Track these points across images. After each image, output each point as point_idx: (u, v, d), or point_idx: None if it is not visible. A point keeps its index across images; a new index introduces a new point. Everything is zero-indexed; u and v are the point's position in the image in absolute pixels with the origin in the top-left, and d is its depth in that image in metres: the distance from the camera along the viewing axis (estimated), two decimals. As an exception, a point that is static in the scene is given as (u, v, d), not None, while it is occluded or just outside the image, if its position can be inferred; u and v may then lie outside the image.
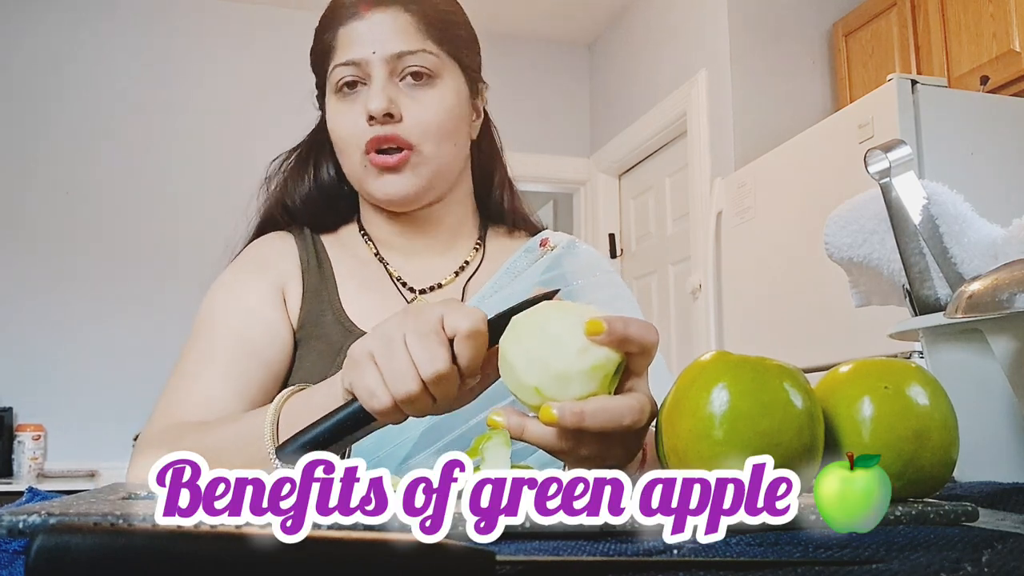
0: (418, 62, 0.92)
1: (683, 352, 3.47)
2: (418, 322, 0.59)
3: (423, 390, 0.58)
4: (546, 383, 0.55)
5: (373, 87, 0.91)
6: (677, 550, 0.39)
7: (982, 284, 0.64)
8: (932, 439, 0.50)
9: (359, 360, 0.60)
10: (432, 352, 0.58)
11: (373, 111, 0.90)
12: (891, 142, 0.82)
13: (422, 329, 0.58)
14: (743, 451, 0.46)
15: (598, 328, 0.54)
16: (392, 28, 0.92)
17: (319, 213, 1.03)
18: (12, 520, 0.40)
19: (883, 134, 2.21)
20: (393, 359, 0.58)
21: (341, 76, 0.92)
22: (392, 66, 0.91)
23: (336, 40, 0.94)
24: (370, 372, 0.59)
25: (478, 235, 1.05)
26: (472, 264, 1.02)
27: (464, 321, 0.58)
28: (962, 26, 2.57)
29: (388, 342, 0.59)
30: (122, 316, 3.54)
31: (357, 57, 0.91)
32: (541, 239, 1.06)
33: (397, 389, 0.58)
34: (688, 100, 3.38)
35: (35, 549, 0.29)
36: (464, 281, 1.00)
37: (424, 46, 0.93)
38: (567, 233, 1.11)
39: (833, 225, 0.89)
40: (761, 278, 2.73)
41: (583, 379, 0.55)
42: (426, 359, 0.58)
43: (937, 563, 0.35)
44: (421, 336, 0.58)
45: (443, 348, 0.58)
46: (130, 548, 0.30)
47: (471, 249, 1.03)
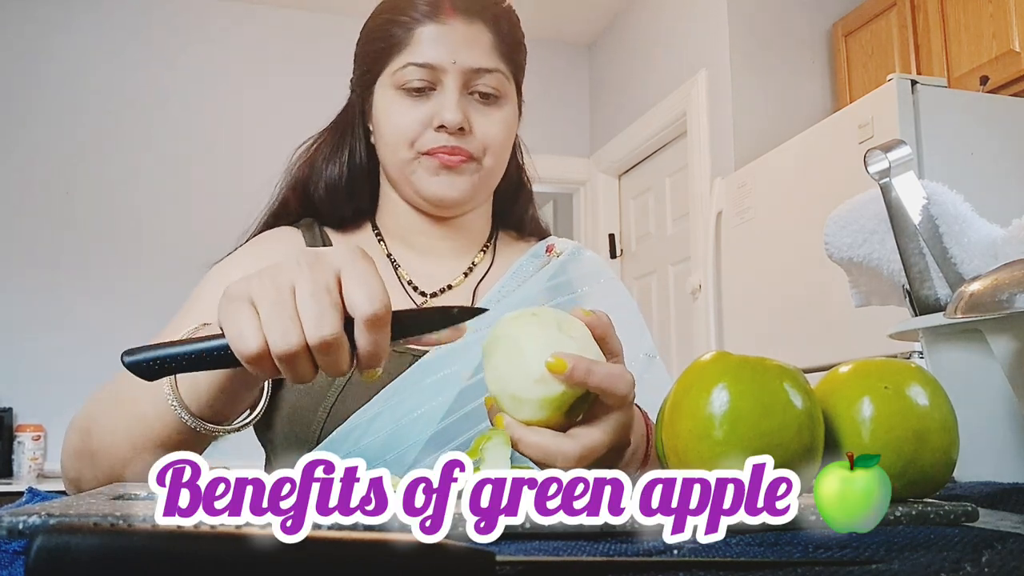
0: (491, 82, 0.93)
1: (683, 352, 3.47)
2: (313, 276, 0.52)
3: (304, 350, 0.52)
4: (503, 399, 0.57)
5: (448, 97, 0.90)
6: (677, 550, 0.39)
7: (982, 284, 0.64)
8: (932, 439, 0.50)
9: (234, 299, 0.54)
10: (320, 316, 0.52)
11: (448, 122, 0.90)
12: (891, 142, 0.82)
13: (313, 287, 0.52)
14: (743, 451, 0.46)
15: (560, 367, 0.54)
16: (473, 41, 0.92)
17: (339, 202, 1.00)
18: (12, 521, 0.40)
19: (883, 134, 2.21)
20: (276, 309, 0.52)
21: (412, 77, 0.91)
22: (466, 79, 0.91)
23: (411, 37, 0.91)
24: (245, 314, 0.53)
25: (488, 239, 1.06)
26: (481, 267, 1.02)
27: (364, 303, 0.52)
28: (962, 26, 2.57)
29: (275, 288, 0.53)
30: (122, 316, 3.54)
31: (435, 62, 0.90)
32: (547, 245, 1.06)
33: (275, 340, 0.52)
34: (688, 100, 3.38)
35: (35, 549, 0.29)
36: (474, 284, 1.00)
37: (499, 66, 0.93)
38: (567, 235, 1.12)
39: (833, 225, 0.89)
40: (761, 278, 2.73)
41: (533, 406, 0.56)
42: (313, 319, 0.52)
43: (937, 563, 0.35)
44: (313, 294, 0.52)
45: (333, 312, 0.52)
46: (130, 548, 0.30)
47: (479, 252, 1.03)
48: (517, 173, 1.08)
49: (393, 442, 0.85)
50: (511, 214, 1.09)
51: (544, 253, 1.05)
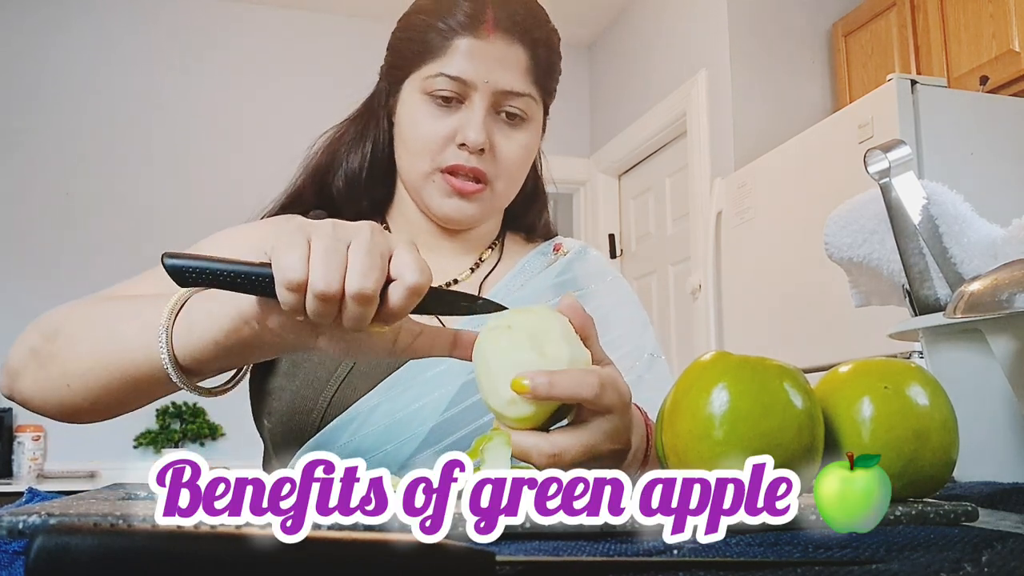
0: (519, 105, 0.92)
1: (683, 352, 3.47)
2: (371, 239, 0.56)
3: (339, 294, 0.55)
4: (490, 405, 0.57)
5: (474, 116, 0.90)
6: (677, 550, 0.39)
7: (982, 284, 0.64)
8: (932, 439, 0.50)
9: (293, 234, 0.56)
10: (368, 271, 0.55)
11: (471, 142, 0.89)
12: (891, 142, 0.82)
13: (370, 247, 0.56)
14: (743, 452, 0.46)
15: (521, 389, 0.54)
16: (509, 62, 0.91)
17: (357, 194, 1.00)
18: (12, 521, 0.40)
19: (883, 134, 2.21)
20: (329, 252, 0.55)
21: (442, 87, 0.90)
22: (496, 100, 0.91)
23: (447, 46, 0.90)
24: (297, 249, 0.55)
25: (495, 237, 1.06)
26: (488, 262, 1.02)
27: (412, 273, 0.56)
28: (962, 26, 2.57)
29: (332, 237, 0.56)
30: (122, 316, 3.54)
31: (467, 77, 0.89)
32: (555, 244, 1.07)
33: (315, 278, 0.54)
34: (688, 100, 3.38)
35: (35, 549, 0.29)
36: (480, 279, 1.00)
37: (530, 91, 0.93)
38: (567, 235, 1.12)
39: (833, 225, 0.89)
40: (761, 278, 2.73)
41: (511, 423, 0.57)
42: (359, 273, 0.55)
43: (937, 563, 0.35)
44: (368, 251, 0.56)
45: (380, 273, 0.56)
46: (130, 548, 0.30)
47: (486, 248, 1.04)
48: (533, 183, 1.07)
49: (392, 434, 0.85)
50: (523, 219, 1.09)
51: (551, 251, 1.05)
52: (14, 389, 0.79)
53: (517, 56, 0.91)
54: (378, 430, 0.86)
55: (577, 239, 1.12)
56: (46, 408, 0.77)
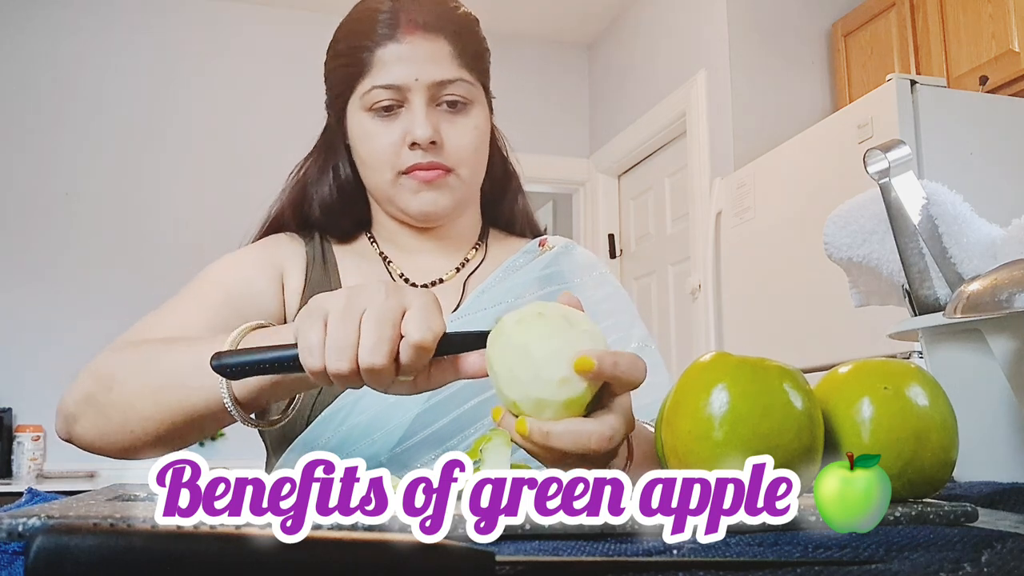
0: (456, 91, 0.94)
1: (683, 352, 3.47)
2: (384, 306, 0.60)
3: (354, 372, 0.60)
4: (523, 402, 0.56)
5: (416, 115, 0.92)
6: (677, 550, 0.39)
7: (981, 284, 0.64)
8: (931, 440, 0.50)
9: (313, 314, 0.61)
10: (378, 343, 0.59)
11: (420, 139, 0.92)
12: (890, 142, 0.82)
13: (382, 315, 0.59)
14: (743, 452, 0.46)
15: (588, 366, 0.54)
16: (433, 55, 0.93)
17: (336, 218, 1.03)
18: (12, 523, 0.40)
19: (882, 134, 2.21)
20: (341, 331, 0.59)
21: (379, 98, 0.93)
22: (432, 93, 0.93)
23: (373, 59, 0.93)
24: (316, 332, 0.60)
25: (479, 236, 1.07)
26: (473, 262, 1.04)
27: (417, 331, 0.59)
28: (961, 26, 2.57)
29: (347, 311, 0.60)
30: (122, 317, 3.53)
31: (399, 82, 0.92)
32: (540, 240, 1.08)
33: (331, 360, 0.59)
34: (687, 100, 3.38)
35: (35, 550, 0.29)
36: (465, 277, 1.02)
37: (461, 75, 0.95)
38: (567, 235, 1.13)
39: (833, 225, 0.89)
40: (761, 278, 2.73)
41: (558, 408, 0.55)
42: (369, 347, 0.59)
43: (937, 563, 0.35)
44: (377, 321, 0.59)
45: (389, 344, 0.59)
46: (130, 548, 0.30)
47: (471, 248, 1.05)
48: (503, 165, 1.09)
49: (378, 423, 0.87)
50: (500, 208, 1.10)
51: (537, 247, 1.06)
52: (72, 433, 0.82)
53: (440, 48, 0.94)
54: (364, 420, 0.88)
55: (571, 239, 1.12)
56: (106, 450, 0.81)
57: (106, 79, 3.68)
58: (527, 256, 1.04)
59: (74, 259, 3.55)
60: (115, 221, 3.61)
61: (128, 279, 3.57)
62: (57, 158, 3.59)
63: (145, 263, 3.60)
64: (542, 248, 1.06)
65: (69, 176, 3.59)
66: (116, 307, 3.54)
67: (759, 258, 2.74)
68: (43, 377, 3.43)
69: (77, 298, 3.52)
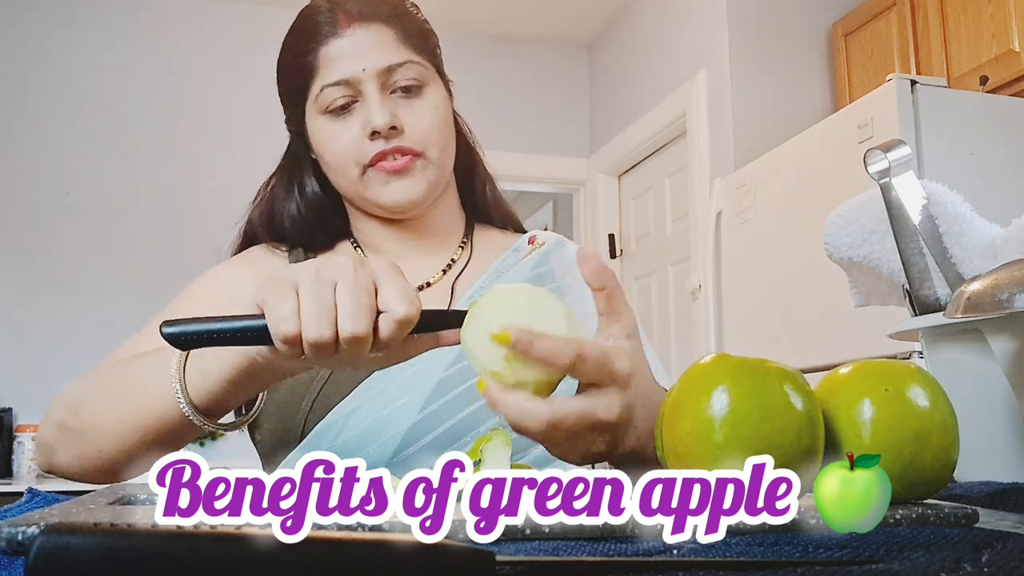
0: (407, 74, 0.92)
1: (683, 353, 3.47)
2: (356, 277, 0.58)
3: (334, 340, 0.57)
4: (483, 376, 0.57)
5: (371, 103, 0.91)
6: (677, 550, 0.39)
7: (982, 284, 0.64)
8: (932, 441, 0.50)
9: (281, 284, 0.58)
10: (358, 312, 0.57)
11: (378, 127, 0.90)
12: (891, 142, 0.82)
13: (357, 285, 0.57)
14: (743, 453, 0.46)
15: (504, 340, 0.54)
16: (377, 43, 0.92)
17: (310, 232, 1.02)
18: (11, 532, 0.40)
19: (883, 134, 2.21)
20: (317, 300, 0.57)
21: (332, 97, 0.91)
22: (383, 80, 0.91)
23: (317, 60, 0.92)
24: (288, 299, 0.57)
25: (464, 234, 1.05)
26: (459, 263, 1.02)
27: (400, 305, 0.57)
28: (961, 26, 2.57)
29: (318, 281, 0.58)
30: (122, 316, 3.54)
31: (347, 76, 0.91)
32: (529, 237, 1.06)
33: (309, 329, 0.57)
34: (688, 100, 3.38)
35: (35, 549, 0.29)
36: (452, 279, 1.00)
37: (410, 57, 0.93)
38: (566, 235, 1.11)
39: (833, 225, 0.89)
40: (761, 278, 2.73)
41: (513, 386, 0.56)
42: (349, 316, 0.57)
43: (937, 563, 0.35)
44: (353, 291, 0.57)
45: (369, 312, 0.57)
46: (130, 548, 0.30)
47: (457, 248, 1.03)
48: (467, 152, 1.06)
49: (373, 435, 0.86)
50: (473, 194, 1.08)
51: (526, 245, 1.05)
52: (52, 463, 0.81)
53: (382, 35, 0.93)
54: (359, 433, 0.86)
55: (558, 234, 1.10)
56: (85, 476, 0.79)
57: (102, 79, 3.68)
58: (516, 255, 1.02)
59: (74, 259, 3.55)
60: (116, 221, 3.62)
61: (128, 279, 3.57)
62: (57, 158, 3.59)
63: (145, 263, 3.61)
64: (531, 246, 1.04)
65: (69, 176, 3.59)
66: (116, 307, 3.54)
67: (759, 258, 2.74)
68: (43, 377, 3.43)
69: (77, 298, 3.52)
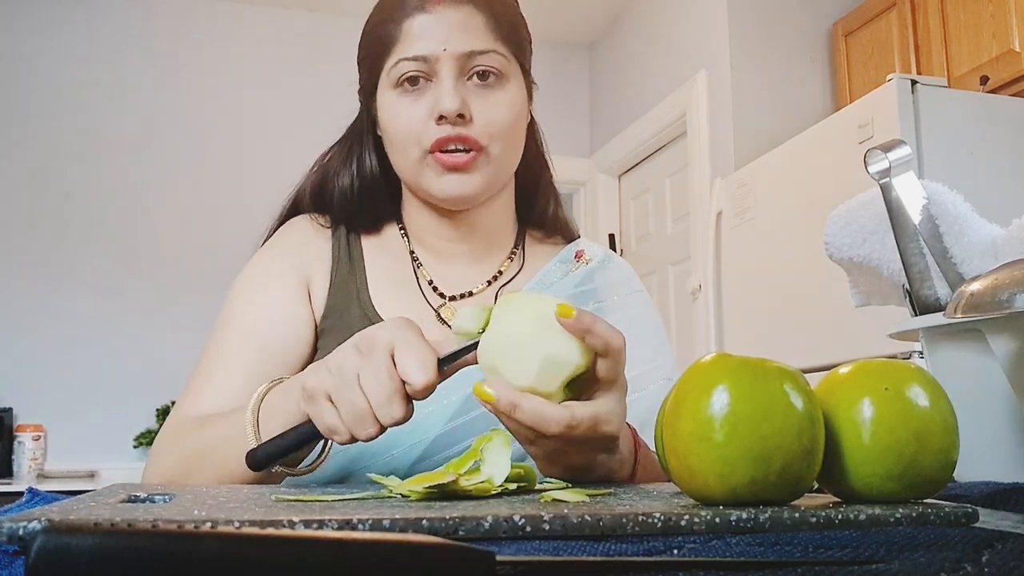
0: (488, 62, 0.89)
1: (683, 353, 3.47)
2: (372, 362, 0.62)
3: (380, 429, 0.63)
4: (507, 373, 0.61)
5: (443, 85, 0.88)
6: (677, 550, 0.39)
7: (982, 284, 0.64)
8: (932, 441, 0.50)
9: (315, 397, 0.63)
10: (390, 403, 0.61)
11: (446, 111, 0.87)
12: (891, 142, 0.82)
13: (377, 372, 0.61)
14: (743, 454, 0.46)
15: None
16: (463, 25, 0.89)
17: (354, 211, 0.99)
18: (12, 527, 0.40)
19: (883, 134, 2.21)
20: (351, 407, 0.62)
21: (405, 71, 0.89)
22: (462, 64, 0.88)
23: (400, 32, 0.89)
24: (328, 412, 0.63)
25: (515, 243, 1.03)
26: (507, 274, 1.00)
27: (416, 375, 0.61)
28: (962, 26, 2.57)
29: (343, 382, 0.62)
30: (122, 316, 3.54)
31: (426, 52, 0.88)
32: (577, 251, 1.03)
33: (357, 431, 0.62)
34: (688, 100, 3.38)
35: (35, 549, 0.29)
36: (496, 290, 0.98)
37: (494, 47, 0.90)
38: None
39: (833, 225, 0.89)
40: (761, 278, 2.73)
41: None
42: (383, 408, 0.61)
43: (937, 563, 0.35)
44: (378, 382, 0.61)
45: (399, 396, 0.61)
46: (130, 548, 0.30)
47: (506, 258, 1.01)
48: (536, 159, 1.04)
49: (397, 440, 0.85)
50: (534, 206, 1.05)
51: (573, 259, 1.02)
52: None
53: (471, 18, 0.89)
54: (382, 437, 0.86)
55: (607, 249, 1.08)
56: None
57: (105, 78, 3.68)
58: (562, 268, 1.00)
59: (74, 259, 3.55)
60: (116, 221, 3.62)
61: (129, 279, 3.58)
62: (57, 158, 3.59)
63: (146, 263, 3.61)
64: (578, 260, 1.02)
65: (69, 176, 3.59)
66: (116, 307, 3.55)
67: (759, 258, 2.74)
68: (43, 377, 3.43)
69: (77, 298, 3.52)
